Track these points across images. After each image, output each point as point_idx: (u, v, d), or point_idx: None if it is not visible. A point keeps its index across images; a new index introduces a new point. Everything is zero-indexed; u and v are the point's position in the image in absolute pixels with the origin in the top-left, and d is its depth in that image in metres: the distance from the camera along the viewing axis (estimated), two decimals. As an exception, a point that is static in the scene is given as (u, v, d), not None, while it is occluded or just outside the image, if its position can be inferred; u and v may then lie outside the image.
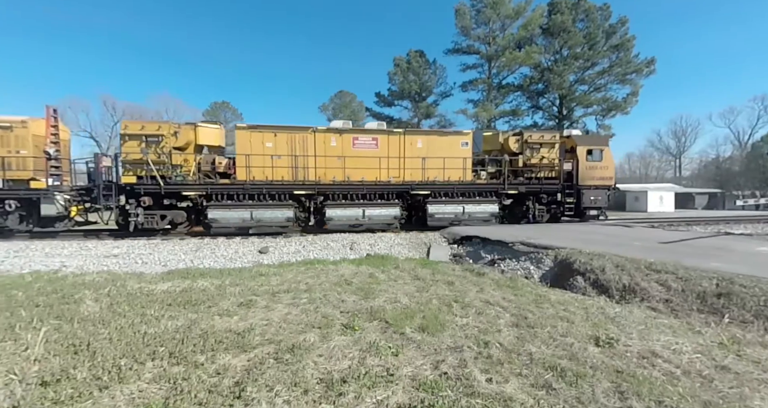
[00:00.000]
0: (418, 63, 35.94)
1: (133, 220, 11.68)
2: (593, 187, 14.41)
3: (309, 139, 12.85)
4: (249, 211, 12.08)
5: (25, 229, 11.70)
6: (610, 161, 14.63)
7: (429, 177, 13.55)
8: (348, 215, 12.80)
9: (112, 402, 2.88)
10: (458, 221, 13.49)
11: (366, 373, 3.24)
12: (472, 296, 5.86)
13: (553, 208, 14.60)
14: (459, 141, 13.97)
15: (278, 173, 12.55)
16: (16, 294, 5.88)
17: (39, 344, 3.79)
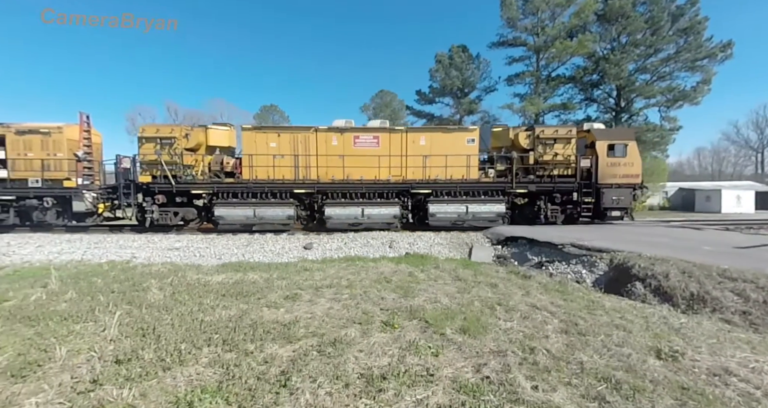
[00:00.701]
0: (461, 58, 35.10)
1: (149, 216, 12.64)
2: (615, 185, 12.95)
3: (311, 138, 13.00)
4: (252, 209, 12.52)
5: (62, 223, 13.04)
6: (635, 157, 13.14)
7: (430, 175, 13.12)
8: (347, 214, 12.75)
9: (173, 382, 3.16)
10: (462, 221, 13.00)
11: (406, 372, 3.25)
12: (517, 299, 5.63)
13: (569, 209, 13.36)
14: (464, 138, 13.27)
15: (280, 172, 12.85)
16: (95, 281, 6.66)
17: (114, 326, 4.26)
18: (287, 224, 12.85)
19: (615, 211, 13.11)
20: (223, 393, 2.96)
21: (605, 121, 31.64)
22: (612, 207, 12.98)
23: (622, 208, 13.04)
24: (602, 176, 12.96)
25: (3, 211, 12.80)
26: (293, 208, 12.69)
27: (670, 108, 30.93)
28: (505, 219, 13.40)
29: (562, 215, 13.40)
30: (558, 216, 13.35)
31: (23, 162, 12.56)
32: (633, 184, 13.09)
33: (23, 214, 12.92)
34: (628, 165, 13.00)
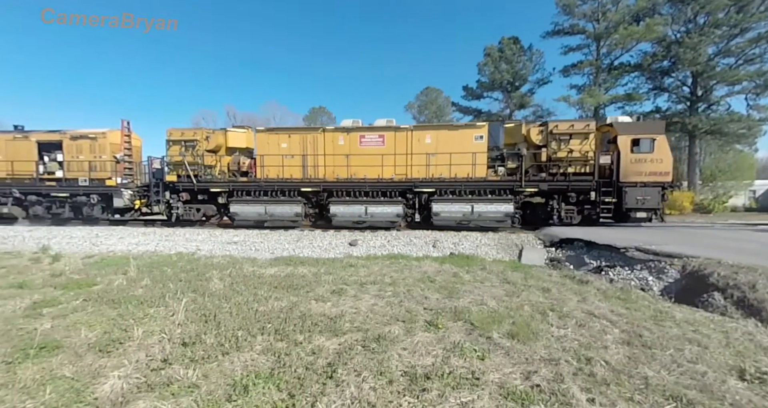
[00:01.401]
0: (512, 50, 33.53)
1: (174, 212, 13.92)
2: (640, 184, 11.65)
3: (319, 138, 13.46)
4: (264, 207, 13.31)
5: (105, 217, 14.77)
6: (664, 153, 11.71)
7: (434, 174, 12.84)
8: (351, 212, 12.97)
9: (231, 366, 3.42)
10: (467, 221, 12.59)
11: (450, 373, 3.20)
12: (571, 306, 5.28)
13: (586, 209, 12.33)
14: (472, 135, 12.81)
15: (289, 172, 13.53)
16: (166, 270, 7.39)
17: (181, 312, 4.70)
18: (296, 221, 13.48)
19: (640, 212, 11.76)
20: (275, 379, 3.14)
21: (679, 111, 28.42)
22: (636, 208, 11.69)
23: (648, 209, 11.68)
24: (625, 174, 11.79)
25: (60, 206, 14.82)
26: (301, 206, 13.33)
27: (760, 95, 26.95)
28: (515, 220, 12.85)
29: (579, 216, 12.50)
30: (574, 217, 12.48)
31: (75, 163, 14.59)
32: (662, 183, 11.67)
33: (76, 209, 14.84)
34: (655, 161, 11.63)
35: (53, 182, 14.78)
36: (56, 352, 3.68)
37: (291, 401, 2.84)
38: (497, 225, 12.52)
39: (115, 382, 3.10)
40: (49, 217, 15.00)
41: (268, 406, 2.77)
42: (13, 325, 4.39)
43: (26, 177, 14.91)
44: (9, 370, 3.31)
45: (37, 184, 14.76)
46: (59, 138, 14.68)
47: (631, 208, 11.78)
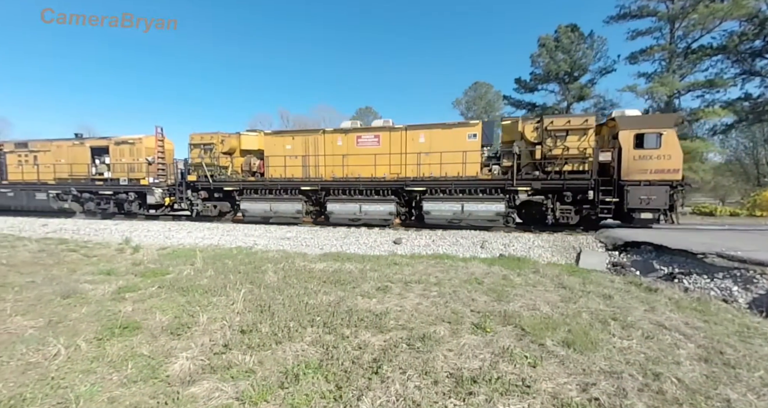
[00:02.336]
0: (570, 39, 31.24)
1: (195, 208, 15.47)
2: (645, 182, 10.65)
3: (319, 140, 14.12)
4: (269, 204, 14.35)
5: (142, 212, 16.62)
6: (673, 148, 10.55)
7: (425, 173, 12.88)
8: (347, 210, 13.49)
9: (283, 355, 3.61)
10: (458, 220, 12.47)
11: (498, 379, 3.09)
12: (637, 315, 4.82)
13: (585, 209, 11.50)
14: (465, 133, 12.58)
15: (292, 172, 14.40)
16: (227, 262, 8.01)
17: (240, 301, 5.06)
18: (297, 218, 14.28)
19: (644, 213, 10.76)
20: (324, 371, 3.26)
21: None
22: (640, 208, 10.74)
23: (653, 209, 10.67)
24: (627, 172, 10.86)
25: (106, 202, 17.04)
26: (302, 204, 14.19)
27: None
28: (509, 219, 12.62)
29: (577, 216, 11.77)
30: (571, 217, 11.77)
31: (118, 165, 16.78)
32: (670, 181, 10.58)
33: (119, 205, 16.91)
34: (663, 158, 10.58)
35: (101, 182, 17.14)
36: (136, 333, 4.16)
37: (338, 393, 2.93)
38: (489, 224, 12.35)
39: (183, 362, 3.43)
40: (99, 211, 17.29)
41: (317, 396, 2.89)
42: (102, 306, 5.05)
43: (82, 177, 17.41)
44: (99, 346, 3.82)
45: (89, 184, 17.23)
46: (106, 144, 17.08)
47: (634, 209, 10.86)
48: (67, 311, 4.84)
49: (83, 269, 7.41)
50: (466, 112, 46.59)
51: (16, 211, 18.66)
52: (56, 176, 17.59)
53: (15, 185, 18.31)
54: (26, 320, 4.53)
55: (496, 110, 44.01)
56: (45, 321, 4.51)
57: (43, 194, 17.65)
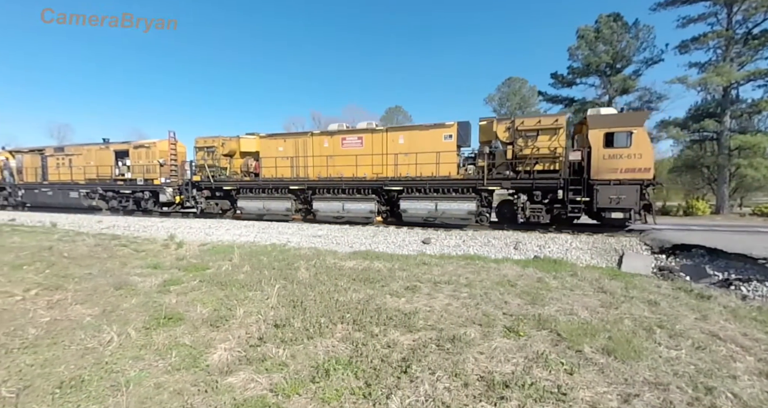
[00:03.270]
0: (611, 29, 29.38)
1: (199, 206, 16.82)
2: (615, 181, 10.55)
3: (308, 142, 14.98)
4: (262, 202, 15.37)
5: (156, 209, 18.09)
6: (644, 147, 10.44)
7: (402, 173, 13.41)
8: (331, 208, 14.22)
9: (314, 350, 3.70)
10: (433, 218, 12.83)
11: (532, 384, 2.98)
12: (687, 324, 4.48)
13: (556, 208, 11.48)
14: (441, 134, 12.94)
15: (283, 172, 15.36)
16: (262, 259, 8.32)
17: (274, 296, 5.24)
18: (287, 215, 15.15)
19: (615, 212, 10.69)
20: (353, 367, 3.31)
21: None
22: (610, 207, 10.66)
23: (624, 209, 10.53)
24: (597, 171, 10.80)
25: (126, 200, 18.93)
26: (291, 202, 15.07)
27: None
28: (482, 218, 12.88)
29: (548, 215, 11.75)
30: (542, 216, 11.76)
31: (137, 167, 18.38)
32: (640, 180, 10.41)
33: (137, 202, 18.55)
34: (633, 157, 10.48)
35: (122, 182, 18.98)
36: (179, 323, 4.43)
37: (368, 390, 2.96)
38: (462, 223, 12.62)
39: (221, 353, 3.61)
40: (120, 208, 19.13)
41: (347, 392, 2.94)
42: (150, 297, 5.42)
43: (106, 178, 19.38)
44: (147, 334, 4.11)
45: (112, 184, 19.19)
46: (127, 147, 18.95)
47: (604, 208, 10.79)
48: (119, 301, 5.25)
49: (133, 263, 8.00)
50: (499, 109, 45.27)
51: (54, 208, 20.89)
52: (86, 177, 19.78)
53: (53, 185, 20.74)
54: (84, 309, 4.96)
55: (531, 106, 42.39)
56: (100, 310, 4.92)
57: (75, 193, 19.90)
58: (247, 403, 2.79)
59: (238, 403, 2.81)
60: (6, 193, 23.06)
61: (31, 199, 21.80)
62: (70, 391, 2.98)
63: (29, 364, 3.42)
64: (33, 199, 21.72)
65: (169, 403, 2.83)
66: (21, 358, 3.54)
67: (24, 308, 4.93)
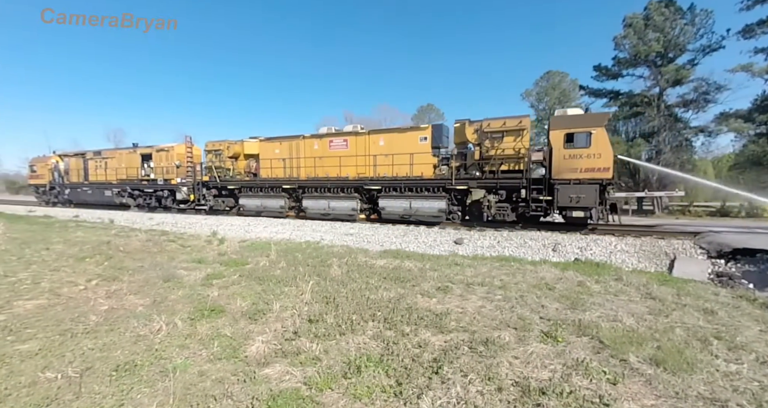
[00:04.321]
0: (663, 15, 27.15)
1: (208, 203, 18.72)
2: (575, 181, 10.77)
3: (300, 144, 16.26)
4: (260, 200, 17.07)
5: (174, 206, 20.00)
6: (603, 147, 10.61)
7: (381, 173, 14.30)
8: (318, 206, 15.48)
9: (346, 346, 3.77)
10: (409, 215, 13.60)
11: (571, 393, 2.85)
12: (749, 336, 4.07)
13: (521, 207, 11.90)
14: (417, 136, 13.76)
15: (278, 173, 16.80)
16: (297, 255, 8.58)
17: (308, 292, 5.39)
18: (281, 212, 16.56)
19: (576, 211, 10.98)
20: (384, 365, 3.33)
21: None
22: (570, 206, 10.92)
23: (584, 207, 10.77)
24: (558, 171, 11.09)
25: (149, 198, 21.15)
26: (284, 200, 16.49)
27: None
28: (453, 216, 13.40)
29: (513, 214, 12.22)
30: (508, 214, 12.27)
31: (158, 168, 20.51)
32: (599, 180, 10.60)
33: (158, 200, 20.75)
34: (593, 157, 10.68)
35: (146, 181, 21.12)
36: (221, 315, 4.68)
37: (398, 388, 2.97)
38: (434, 220, 13.25)
39: (259, 345, 3.77)
40: (145, 205, 21.33)
41: (378, 390, 2.96)
42: (194, 290, 5.76)
43: (134, 178, 21.61)
44: (192, 325, 4.38)
45: (138, 183, 21.38)
46: (150, 151, 21.11)
47: (564, 207, 11.07)
48: (167, 293, 5.64)
49: (180, 257, 8.55)
50: (536, 104, 43.48)
51: (93, 205, 23.76)
52: (118, 177, 22.33)
53: (92, 185, 23.75)
54: (137, 299, 5.37)
55: (571, 101, 40.25)
56: (151, 300, 5.30)
57: (109, 192, 22.61)
58: (283, 395, 2.89)
59: (274, 393, 2.92)
60: (56, 192, 26.45)
61: (75, 197, 24.88)
62: (124, 374, 3.25)
63: (90, 347, 3.77)
64: (76, 197, 24.79)
65: (211, 390, 3.00)
66: (84, 342, 3.91)
67: (86, 297, 5.43)
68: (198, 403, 2.83)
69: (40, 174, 27.46)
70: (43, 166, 27.06)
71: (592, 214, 10.90)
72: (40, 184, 27.54)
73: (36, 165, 27.92)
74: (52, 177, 26.48)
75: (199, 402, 2.84)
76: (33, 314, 4.71)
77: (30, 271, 6.83)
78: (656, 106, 26.49)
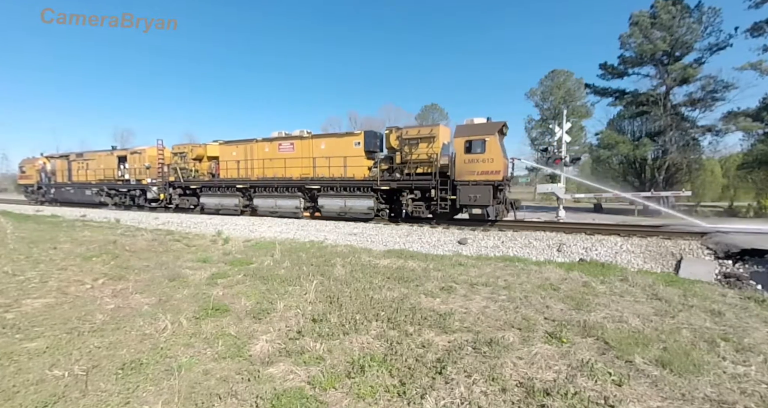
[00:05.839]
0: (670, 13, 26.86)
1: (174, 202, 20.25)
2: (472, 182, 12.40)
3: (254, 147, 17.66)
4: (218, 199, 18.65)
5: (146, 205, 21.44)
6: (494, 153, 12.19)
7: (320, 174, 15.71)
8: (267, 204, 16.96)
9: (350, 345, 3.77)
10: (344, 213, 15.00)
11: (576, 394, 2.83)
12: (757, 337, 4.03)
13: (433, 205, 13.39)
14: (352, 141, 15.16)
15: (234, 173, 18.26)
16: (301, 255, 8.60)
17: (311, 292, 5.41)
18: (236, 210, 18.01)
19: (475, 208, 12.57)
20: (388, 365, 3.33)
21: None
22: (469, 204, 12.56)
23: (481, 205, 12.36)
24: (459, 173, 12.72)
25: (124, 197, 22.74)
26: (239, 199, 17.94)
27: None
28: (381, 213, 14.77)
29: (428, 211, 13.71)
30: (423, 211, 13.77)
31: (132, 169, 22.12)
32: (492, 181, 12.21)
33: (132, 199, 22.32)
34: (487, 161, 12.27)
35: (121, 182, 22.75)
36: (225, 314, 4.70)
37: (402, 388, 2.96)
38: (365, 217, 14.72)
39: (263, 344, 3.78)
40: (121, 203, 22.93)
41: (381, 389, 2.96)
42: (199, 289, 5.80)
43: (111, 179, 23.26)
44: (197, 324, 4.40)
45: (114, 184, 23.04)
46: (126, 153, 22.90)
47: (465, 205, 12.62)
48: (172, 292, 5.68)
49: (185, 257, 8.60)
50: (541, 103, 43.29)
51: (76, 204, 25.18)
52: (97, 178, 24.00)
53: (74, 184, 25.54)
54: (143, 298, 5.42)
55: (576, 100, 40.08)
56: (156, 299, 5.35)
57: (89, 191, 24.37)
58: (287, 394, 2.90)
59: (278, 392, 2.93)
60: (43, 191, 28.40)
61: (60, 196, 26.67)
62: (130, 372, 3.28)
63: (97, 346, 3.80)
64: (61, 196, 26.58)
65: (215, 389, 3.02)
66: (90, 340, 3.95)
67: (93, 296, 5.49)
68: (203, 401, 2.85)
69: (28, 174, 29.32)
70: (32, 167, 28.90)
71: (488, 211, 12.37)
72: (29, 184, 29.42)
73: (25, 166, 29.81)
74: (40, 177, 28.26)
75: (204, 400, 2.85)
76: (41, 312, 4.76)
77: (38, 270, 6.91)
78: (662, 105, 26.21)
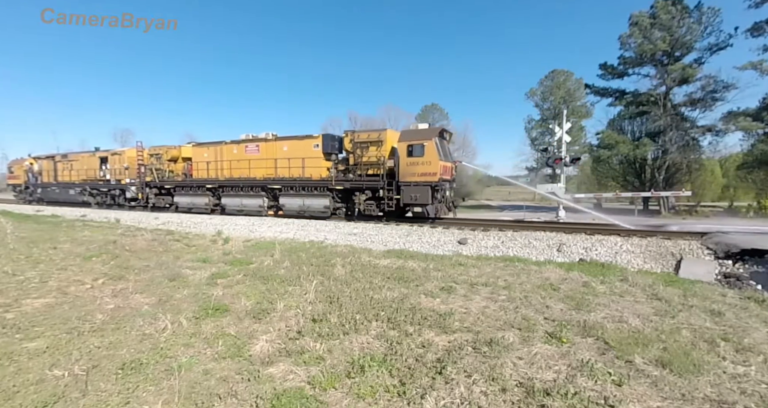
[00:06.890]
0: (670, 13, 26.85)
1: (151, 201, 21.04)
2: (414, 183, 13.49)
3: (223, 149, 18.48)
4: (191, 198, 19.56)
5: (126, 204, 22.29)
6: (432, 156, 13.22)
7: (281, 174, 16.46)
8: (234, 203, 17.93)
9: (350, 345, 3.77)
10: (303, 211, 15.85)
11: (576, 394, 2.83)
12: (757, 338, 4.03)
13: (382, 204, 14.22)
14: (311, 144, 15.87)
15: (205, 174, 19.04)
16: (301, 255, 8.60)
17: (311, 292, 5.40)
18: (207, 208, 18.91)
19: (416, 207, 13.59)
20: (388, 365, 3.33)
21: None
22: (412, 203, 13.53)
23: (421, 204, 13.36)
24: (403, 175, 13.66)
25: (105, 196, 23.62)
26: (209, 198, 18.88)
27: None
28: (338, 212, 15.58)
29: (378, 209, 14.44)
30: (374, 210, 14.55)
31: (113, 170, 22.89)
32: (430, 182, 13.16)
33: (113, 198, 23.17)
34: (425, 164, 13.24)
35: (102, 182, 23.52)
36: (225, 314, 4.70)
37: (402, 388, 2.96)
38: (322, 215, 15.49)
39: (263, 344, 3.78)
40: (103, 202, 23.72)
41: (381, 389, 2.96)
42: (199, 289, 5.80)
43: (93, 179, 24.00)
44: (197, 323, 4.40)
45: (96, 184, 23.81)
46: (107, 155, 23.61)
47: (408, 204, 13.63)
48: (172, 292, 5.68)
49: (185, 256, 8.60)
50: (541, 104, 43.23)
51: (61, 203, 26.05)
52: (80, 178, 24.80)
53: (59, 184, 26.37)
54: (143, 298, 5.42)
55: (576, 100, 40.00)
56: (156, 299, 5.34)
57: (72, 191, 25.28)
58: (287, 394, 2.90)
59: (278, 392, 2.93)
60: (30, 191, 29.35)
61: (46, 195, 27.67)
62: (130, 372, 3.28)
63: (97, 345, 3.80)
64: (47, 196, 27.56)
65: (215, 389, 3.02)
66: (90, 340, 3.95)
67: (93, 296, 5.49)
68: (202, 401, 2.84)
69: (16, 175, 30.28)
70: (19, 168, 29.85)
71: (428, 209, 13.44)
72: (17, 184, 30.47)
73: (13, 166, 30.90)
74: (27, 177, 29.04)
75: (204, 400, 2.85)
76: (41, 312, 4.77)
77: (38, 270, 6.91)
78: (662, 105, 26.21)
